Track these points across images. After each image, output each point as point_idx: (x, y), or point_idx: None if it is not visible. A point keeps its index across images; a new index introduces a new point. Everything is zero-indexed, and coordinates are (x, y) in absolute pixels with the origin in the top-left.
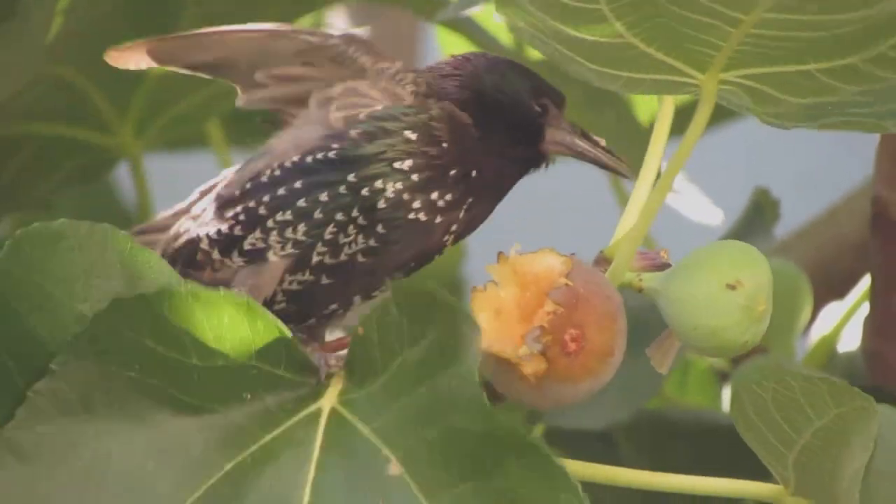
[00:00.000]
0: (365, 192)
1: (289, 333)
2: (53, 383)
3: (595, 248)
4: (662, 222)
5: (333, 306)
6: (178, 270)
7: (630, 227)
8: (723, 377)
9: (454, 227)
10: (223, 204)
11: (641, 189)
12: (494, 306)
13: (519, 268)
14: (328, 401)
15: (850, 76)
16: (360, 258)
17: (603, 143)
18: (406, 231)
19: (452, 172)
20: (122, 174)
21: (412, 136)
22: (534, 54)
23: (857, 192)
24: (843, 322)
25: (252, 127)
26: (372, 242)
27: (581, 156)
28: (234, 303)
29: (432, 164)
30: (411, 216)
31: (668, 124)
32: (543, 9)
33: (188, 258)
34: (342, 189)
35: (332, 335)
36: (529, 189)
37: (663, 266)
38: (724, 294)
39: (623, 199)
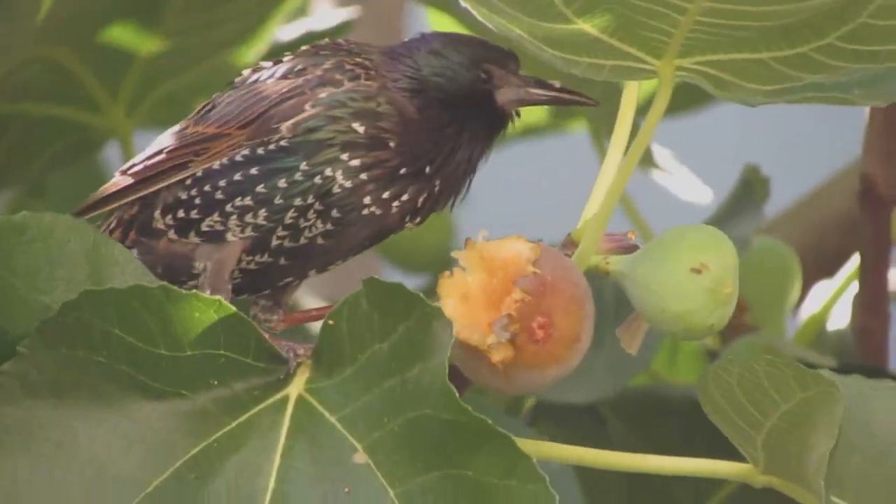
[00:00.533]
0: (318, 179)
1: (257, 326)
2: (20, 365)
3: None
4: (652, 201)
5: (289, 279)
6: (133, 238)
7: (595, 211)
8: (712, 355)
9: (417, 210)
10: (176, 185)
11: (608, 172)
12: (462, 292)
13: (486, 254)
14: (295, 388)
15: (803, 64)
16: (320, 241)
17: (558, 84)
18: (363, 221)
19: (403, 171)
20: (112, 154)
21: (360, 128)
22: None
23: (846, 170)
24: (833, 300)
25: None
26: (329, 226)
27: (537, 102)
28: (205, 301)
29: (382, 166)
30: (364, 212)
31: (633, 108)
32: None
33: (143, 226)
34: (298, 176)
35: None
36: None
37: (631, 248)
38: (690, 278)
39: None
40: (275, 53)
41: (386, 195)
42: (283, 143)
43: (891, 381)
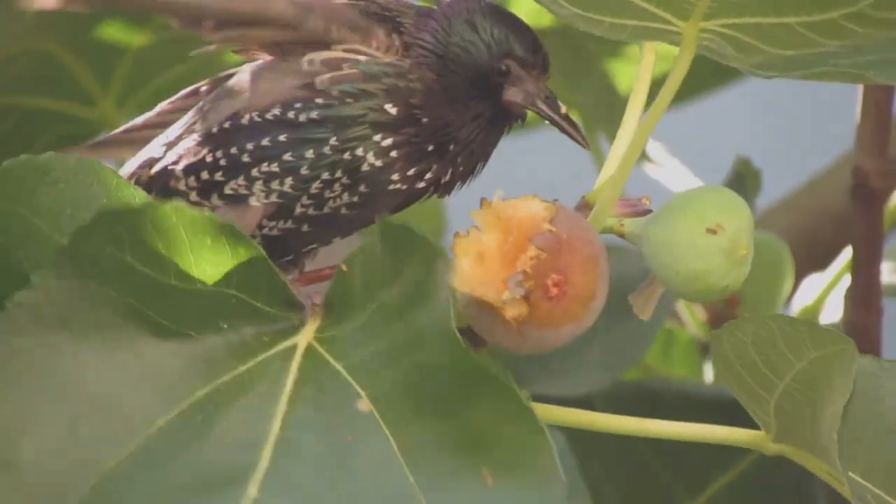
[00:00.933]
0: (347, 155)
1: (270, 264)
2: (32, 296)
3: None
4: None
5: (312, 246)
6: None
7: (611, 173)
8: (705, 349)
9: (439, 185)
10: (201, 139)
11: (623, 136)
12: (477, 251)
13: (502, 213)
14: (305, 336)
15: (830, 31)
16: (344, 211)
17: (564, 109)
18: (390, 194)
19: (430, 148)
20: None
21: (392, 109)
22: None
23: (838, 163)
24: (825, 293)
25: None
26: (356, 199)
27: (538, 112)
28: (218, 225)
29: (411, 143)
30: (391, 187)
31: (650, 69)
32: None
33: (162, 187)
34: (326, 150)
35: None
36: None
37: (645, 212)
38: (706, 238)
39: (596, 148)
40: None
41: (412, 171)
42: (313, 114)
43: None
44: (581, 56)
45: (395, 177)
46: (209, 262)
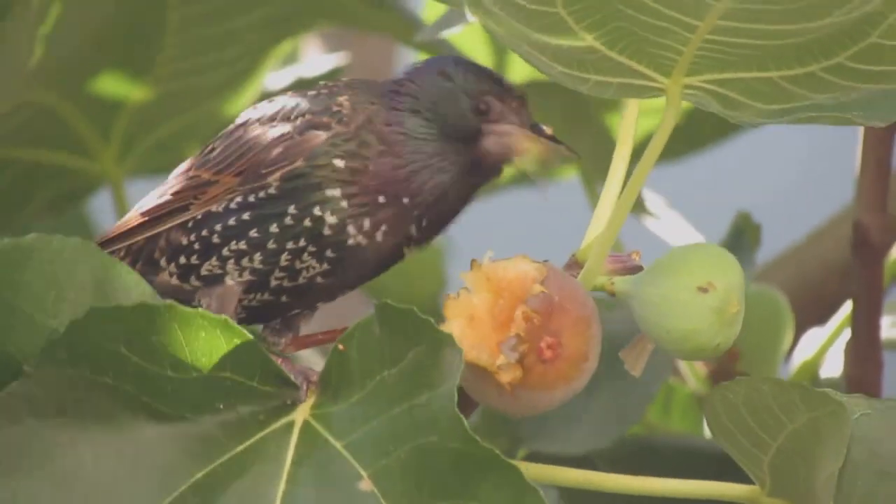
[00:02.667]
0: (307, 222)
1: (263, 349)
2: (26, 386)
3: (571, 248)
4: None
5: (296, 311)
6: (139, 269)
7: (600, 230)
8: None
9: (410, 242)
10: (177, 229)
11: (610, 191)
12: (468, 313)
13: (492, 274)
14: (301, 414)
15: (812, 84)
16: (319, 280)
17: (549, 131)
18: (355, 253)
19: (381, 200)
20: (103, 200)
21: (341, 164)
22: (517, 74)
23: (838, 217)
24: (825, 347)
25: None
26: (327, 266)
27: (521, 155)
28: (211, 320)
29: (363, 194)
30: (351, 241)
31: (633, 125)
32: (508, 12)
33: (148, 259)
34: (288, 220)
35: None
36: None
37: (635, 269)
38: (696, 297)
39: (595, 200)
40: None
41: (367, 224)
42: (272, 190)
43: (891, 400)
44: (580, 107)
45: (351, 229)
46: (203, 353)
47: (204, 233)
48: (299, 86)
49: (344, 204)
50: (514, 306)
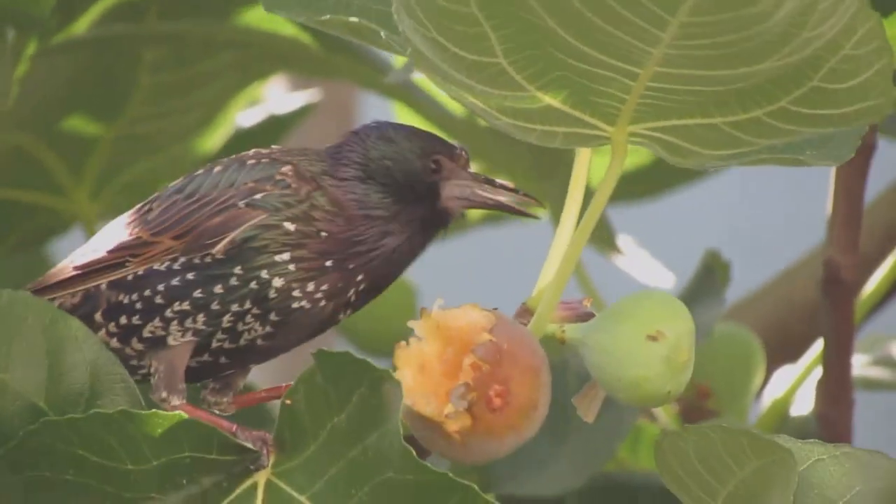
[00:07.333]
0: (254, 284)
1: (219, 427)
2: None
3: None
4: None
5: (230, 372)
6: None
7: (550, 279)
8: None
9: (347, 306)
10: (117, 286)
11: (561, 239)
12: (418, 362)
13: (442, 322)
14: (263, 474)
15: (757, 129)
16: (259, 342)
17: (510, 185)
18: (298, 317)
19: (329, 264)
20: (76, 239)
21: (291, 227)
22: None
23: (809, 256)
24: (796, 386)
25: None
26: (269, 329)
27: (482, 205)
28: (166, 418)
29: (310, 258)
30: (295, 305)
31: (585, 175)
32: (450, 64)
33: (84, 318)
34: (234, 281)
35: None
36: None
37: (586, 316)
38: (646, 345)
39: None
40: (238, 138)
41: (311, 287)
42: (218, 255)
43: (848, 446)
44: (550, 148)
45: (296, 293)
46: (161, 445)
47: (146, 292)
48: (272, 123)
49: (292, 267)
50: (463, 354)
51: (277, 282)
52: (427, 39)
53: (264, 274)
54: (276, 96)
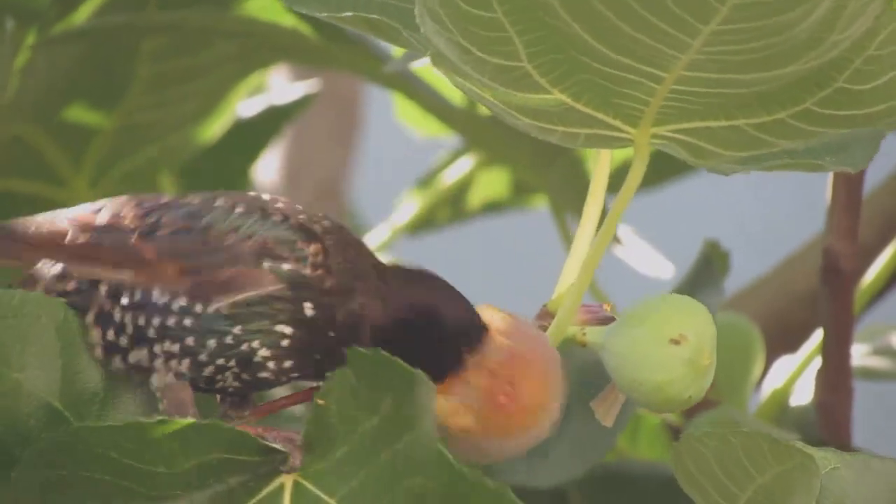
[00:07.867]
0: (244, 347)
1: (248, 430)
2: (10, 493)
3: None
4: (613, 275)
5: None
6: None
7: (572, 281)
8: (675, 431)
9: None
10: (113, 298)
11: (581, 242)
12: None
13: None
14: (290, 475)
15: (781, 131)
16: (230, 391)
17: None
18: (262, 384)
19: (317, 357)
20: None
21: (310, 311)
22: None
23: (809, 245)
24: (796, 375)
25: (204, 182)
26: (237, 384)
27: None
28: (201, 428)
29: (306, 342)
30: (261, 374)
31: (606, 175)
32: (473, 66)
33: (82, 307)
34: (228, 339)
35: None
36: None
37: (607, 320)
38: (668, 349)
39: (565, 232)
40: (238, 128)
41: (287, 365)
42: (222, 310)
43: (861, 454)
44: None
45: (271, 365)
46: (195, 451)
47: (140, 321)
48: (272, 113)
49: (285, 343)
50: None
51: (264, 352)
52: (451, 43)
53: (256, 343)
54: (278, 86)
